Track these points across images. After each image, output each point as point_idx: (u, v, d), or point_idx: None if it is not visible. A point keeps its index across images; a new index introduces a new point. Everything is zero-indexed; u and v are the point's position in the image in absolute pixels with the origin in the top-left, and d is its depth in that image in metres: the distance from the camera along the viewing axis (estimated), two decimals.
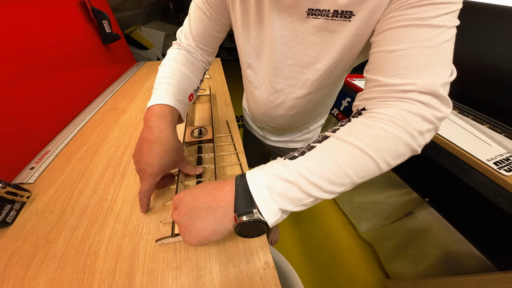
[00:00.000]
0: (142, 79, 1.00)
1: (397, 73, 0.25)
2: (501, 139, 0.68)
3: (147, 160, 0.35)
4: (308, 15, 0.34)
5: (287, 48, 0.40)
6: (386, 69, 0.26)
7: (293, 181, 0.24)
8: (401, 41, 0.25)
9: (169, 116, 0.38)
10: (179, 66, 0.44)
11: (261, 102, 0.54)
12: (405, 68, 0.25)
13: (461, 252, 0.70)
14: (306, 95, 0.47)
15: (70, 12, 0.77)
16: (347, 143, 0.25)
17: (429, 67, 0.24)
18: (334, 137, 0.26)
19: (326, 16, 0.33)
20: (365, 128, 0.25)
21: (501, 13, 0.71)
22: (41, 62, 0.62)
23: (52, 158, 0.55)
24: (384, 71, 0.27)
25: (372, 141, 0.24)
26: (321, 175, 0.24)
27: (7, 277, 0.33)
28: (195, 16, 0.44)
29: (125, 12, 1.55)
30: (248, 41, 0.45)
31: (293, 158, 0.26)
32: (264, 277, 0.32)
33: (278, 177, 0.25)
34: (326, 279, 1.06)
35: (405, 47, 0.25)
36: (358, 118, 0.27)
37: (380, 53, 0.28)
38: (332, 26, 0.34)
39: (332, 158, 0.24)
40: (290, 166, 0.25)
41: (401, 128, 0.24)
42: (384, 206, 1.01)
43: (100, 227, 0.39)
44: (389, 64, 0.26)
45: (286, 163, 0.25)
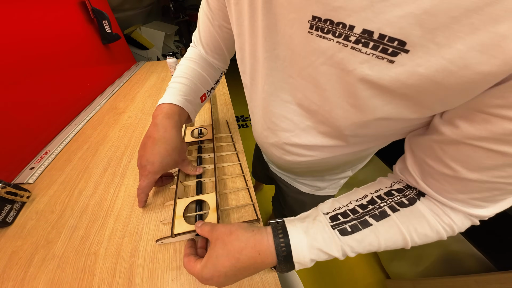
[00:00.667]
0: (142, 79, 1.00)
1: (473, 203, 0.22)
2: None
3: (149, 158, 0.36)
4: (311, 29, 0.20)
5: (285, 76, 0.27)
6: (463, 193, 0.22)
7: (331, 254, 0.25)
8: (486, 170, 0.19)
9: (176, 116, 0.38)
10: (194, 66, 0.43)
11: (256, 131, 0.44)
12: (478, 201, 0.22)
13: (461, 252, 0.70)
14: (306, 147, 0.33)
15: (70, 12, 0.77)
16: (400, 234, 0.24)
17: (501, 203, 0.22)
18: (393, 222, 0.24)
19: (343, 37, 0.18)
20: (424, 227, 0.24)
21: None
22: (41, 62, 0.62)
23: (52, 158, 0.55)
24: (459, 193, 0.22)
25: (419, 239, 0.24)
26: (356, 252, 0.25)
27: (7, 277, 0.33)
28: (203, 23, 0.41)
29: (125, 12, 1.55)
30: (243, 55, 0.33)
31: (344, 232, 0.25)
32: (264, 277, 0.32)
33: (323, 252, 0.25)
34: (326, 279, 1.06)
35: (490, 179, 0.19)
36: (422, 206, 0.25)
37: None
38: (351, 61, 0.18)
39: (379, 243, 0.25)
40: (338, 242, 0.24)
41: (452, 231, 0.24)
42: None
43: (100, 227, 0.39)
44: (468, 190, 0.21)
45: (337, 238, 0.24)
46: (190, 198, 0.41)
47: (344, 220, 0.26)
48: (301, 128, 0.31)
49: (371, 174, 1.07)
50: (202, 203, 0.41)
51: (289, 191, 0.57)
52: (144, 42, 1.62)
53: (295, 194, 0.56)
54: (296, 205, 0.61)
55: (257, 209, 0.42)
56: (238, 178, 0.48)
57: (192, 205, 0.41)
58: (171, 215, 0.39)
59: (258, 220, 0.39)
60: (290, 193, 0.58)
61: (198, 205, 0.41)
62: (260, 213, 0.41)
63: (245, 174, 0.49)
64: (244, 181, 0.47)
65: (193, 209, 0.41)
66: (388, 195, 0.27)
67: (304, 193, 0.54)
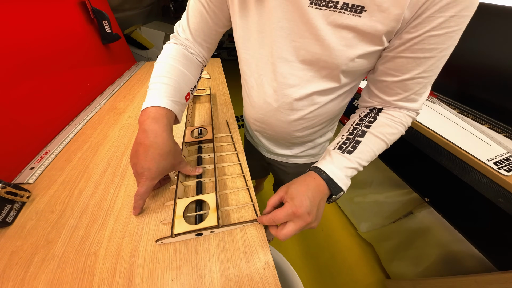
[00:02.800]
0: (142, 79, 1.00)
1: (407, 98, 0.37)
2: (501, 139, 0.68)
3: (144, 165, 0.35)
4: (311, 4, 0.31)
5: (288, 42, 0.36)
6: (401, 93, 0.37)
7: (355, 167, 0.38)
8: (412, 72, 0.33)
9: (164, 119, 0.37)
10: (176, 64, 0.42)
11: (257, 105, 0.49)
12: (412, 95, 0.36)
13: (461, 252, 0.70)
14: (308, 96, 0.42)
15: (70, 12, 0.77)
16: (380, 140, 0.38)
17: (423, 96, 0.37)
18: (371, 134, 0.38)
19: (332, 8, 0.30)
20: (388, 128, 0.38)
21: (501, 13, 0.71)
22: (41, 62, 0.62)
23: (52, 158, 0.55)
24: (399, 94, 0.37)
25: (391, 137, 0.39)
26: (366, 160, 0.38)
27: (7, 277, 0.33)
28: (194, 9, 0.42)
29: (125, 12, 1.55)
30: (246, 33, 0.41)
31: (350, 152, 0.38)
32: (264, 277, 0.32)
33: (349, 168, 0.37)
34: (326, 279, 1.06)
35: (416, 76, 0.34)
36: (382, 118, 0.39)
37: (395, 76, 0.35)
38: (339, 19, 0.31)
39: (373, 151, 0.38)
40: (352, 158, 0.37)
41: (403, 126, 0.39)
42: (384, 206, 1.01)
43: (100, 227, 0.39)
44: (403, 89, 0.36)
45: (349, 157, 0.37)
46: (190, 198, 0.41)
47: (346, 146, 0.39)
48: (305, 80, 0.40)
49: (371, 175, 1.07)
50: (202, 203, 0.41)
51: (288, 169, 0.67)
52: (144, 42, 1.62)
53: (295, 169, 0.66)
54: None
55: (257, 209, 0.42)
56: (238, 178, 0.48)
57: (192, 205, 0.41)
58: (171, 215, 0.39)
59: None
60: (290, 170, 0.67)
61: (198, 205, 0.41)
62: (260, 213, 0.41)
63: (245, 174, 0.49)
64: (244, 181, 0.47)
65: (193, 209, 0.41)
66: (361, 121, 0.41)
67: (302, 165, 0.64)
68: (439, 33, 0.29)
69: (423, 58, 0.31)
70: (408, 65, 0.33)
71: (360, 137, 0.39)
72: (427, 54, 0.31)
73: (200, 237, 0.37)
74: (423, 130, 0.74)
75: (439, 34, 0.29)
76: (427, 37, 0.29)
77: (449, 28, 0.28)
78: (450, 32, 0.28)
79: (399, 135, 0.39)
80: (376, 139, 0.38)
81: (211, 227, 0.36)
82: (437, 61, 0.32)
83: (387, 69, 0.36)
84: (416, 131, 0.77)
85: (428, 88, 0.36)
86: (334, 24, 0.32)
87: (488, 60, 0.78)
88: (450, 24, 0.28)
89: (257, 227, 0.39)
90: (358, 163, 0.37)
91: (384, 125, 0.39)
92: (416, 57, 0.32)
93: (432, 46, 0.30)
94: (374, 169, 1.05)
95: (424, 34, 0.29)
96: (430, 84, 0.35)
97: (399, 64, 0.34)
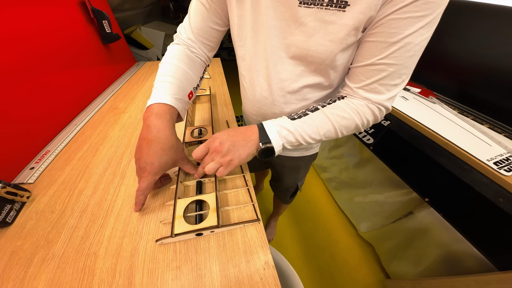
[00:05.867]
0: (142, 79, 1.00)
1: (370, 88, 0.37)
2: (501, 139, 0.68)
3: (147, 159, 0.36)
4: (300, 4, 0.33)
5: (280, 39, 0.39)
6: (363, 80, 0.37)
7: (292, 131, 0.38)
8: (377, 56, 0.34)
9: (167, 115, 0.38)
10: (179, 64, 0.44)
11: (254, 98, 0.52)
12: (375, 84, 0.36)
13: (461, 252, 0.70)
14: (300, 90, 0.45)
15: (70, 12, 0.77)
16: (327, 117, 0.39)
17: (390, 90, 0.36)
18: (322, 112, 0.40)
19: (319, 5, 0.32)
20: (340, 111, 0.39)
21: (501, 13, 0.71)
22: (40, 62, 0.62)
23: (52, 158, 0.55)
24: (361, 81, 0.37)
25: (341, 121, 0.39)
26: (306, 132, 0.39)
27: (7, 277, 0.33)
28: (195, 9, 0.44)
29: (125, 12, 1.55)
30: (243, 32, 0.43)
31: (293, 119, 0.40)
32: (264, 277, 0.32)
33: (283, 127, 0.39)
34: (326, 279, 1.06)
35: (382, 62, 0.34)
36: (339, 102, 0.40)
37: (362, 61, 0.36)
38: (325, 16, 0.33)
39: (316, 125, 0.39)
40: (292, 123, 0.39)
41: (359, 116, 0.39)
42: (384, 206, 1.01)
43: (100, 227, 0.39)
44: (365, 76, 0.37)
45: (290, 121, 0.39)
46: (190, 198, 0.41)
47: (294, 115, 0.41)
48: (296, 74, 0.43)
49: (372, 174, 1.07)
50: (202, 203, 0.42)
51: (284, 161, 0.70)
52: (144, 42, 1.62)
53: (290, 162, 0.69)
54: (292, 171, 0.74)
55: (257, 209, 0.42)
56: (238, 178, 0.48)
57: (192, 205, 0.41)
58: (171, 215, 0.39)
59: (258, 220, 0.39)
60: (286, 163, 0.70)
61: (198, 205, 0.41)
62: (260, 213, 0.41)
63: (245, 174, 0.49)
64: (244, 181, 0.47)
65: (193, 209, 0.41)
66: (323, 103, 0.42)
67: (296, 158, 0.67)
68: (401, 17, 0.28)
69: (385, 42, 0.31)
70: (371, 49, 0.34)
71: (310, 112, 0.40)
72: (389, 39, 0.31)
73: (200, 237, 0.37)
74: (423, 130, 0.74)
75: (401, 18, 0.29)
76: (389, 21, 0.30)
77: (412, 13, 0.28)
78: (414, 17, 0.28)
79: (352, 124, 0.39)
80: (323, 117, 0.39)
81: (211, 227, 0.36)
82: (401, 48, 0.31)
83: (356, 55, 0.37)
84: (416, 131, 0.77)
85: (396, 81, 0.35)
86: (322, 20, 0.33)
87: (488, 60, 0.78)
88: (414, 9, 0.27)
89: (257, 227, 0.39)
90: (296, 130, 0.38)
91: (337, 107, 0.39)
92: (378, 41, 0.32)
93: (394, 31, 0.30)
94: (374, 169, 1.05)
95: (386, 17, 0.30)
96: (399, 77, 0.34)
97: (364, 48, 0.35)
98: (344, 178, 1.29)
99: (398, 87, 0.36)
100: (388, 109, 0.39)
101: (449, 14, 0.86)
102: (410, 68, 0.34)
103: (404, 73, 0.34)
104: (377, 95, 0.37)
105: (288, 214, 1.35)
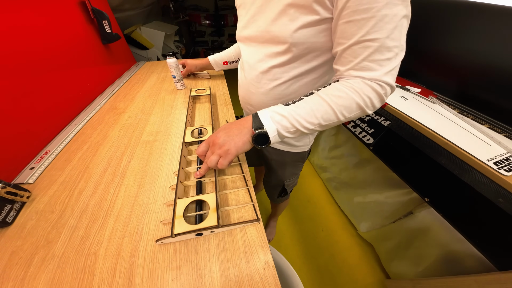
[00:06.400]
0: (142, 79, 1.00)
1: (361, 66, 0.36)
2: (501, 139, 0.68)
3: None
4: None
5: (250, 22, 0.47)
6: (352, 60, 0.36)
7: (285, 115, 0.38)
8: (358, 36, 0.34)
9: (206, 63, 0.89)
10: (235, 46, 0.84)
11: (240, 82, 0.59)
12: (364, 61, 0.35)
13: (461, 252, 0.70)
14: (270, 69, 0.48)
15: (70, 12, 0.77)
16: (321, 99, 0.38)
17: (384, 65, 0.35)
18: (317, 94, 0.39)
19: None
20: (335, 91, 0.38)
21: (501, 13, 0.71)
22: (41, 62, 0.62)
23: (52, 158, 0.55)
24: (350, 62, 0.37)
25: (338, 100, 0.37)
26: (301, 116, 0.38)
27: (7, 277, 0.33)
28: None
29: (125, 12, 1.55)
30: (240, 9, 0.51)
31: (288, 105, 0.40)
32: (264, 277, 0.32)
33: (276, 112, 0.39)
34: (326, 279, 1.06)
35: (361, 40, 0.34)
36: (334, 84, 0.39)
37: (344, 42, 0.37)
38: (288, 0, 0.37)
39: (310, 107, 0.38)
40: (286, 108, 0.39)
41: (357, 93, 0.36)
42: (384, 206, 1.01)
43: (100, 227, 0.39)
44: (352, 56, 0.36)
45: (284, 106, 0.39)
46: (190, 198, 0.41)
47: (289, 102, 0.40)
48: (266, 55, 0.47)
49: (372, 174, 1.07)
50: (202, 203, 0.42)
51: (271, 155, 0.72)
52: (144, 42, 1.62)
53: (276, 156, 0.70)
54: (278, 167, 0.75)
55: (257, 209, 0.42)
56: (238, 178, 0.48)
57: (192, 205, 0.41)
58: (171, 215, 0.40)
59: (258, 220, 0.39)
60: (273, 156, 0.71)
61: (198, 205, 0.41)
62: (260, 213, 0.41)
63: (245, 174, 0.49)
64: (244, 181, 0.47)
65: (193, 209, 0.41)
66: (319, 88, 0.41)
67: (282, 152, 0.68)
68: None
69: (361, 20, 0.32)
70: (351, 29, 0.34)
71: (305, 97, 0.40)
72: (364, 15, 0.31)
73: (200, 237, 0.37)
74: (423, 130, 0.74)
75: None
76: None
77: None
78: None
79: (351, 103, 0.37)
80: (317, 99, 0.38)
81: (211, 227, 0.36)
82: (379, 21, 0.31)
83: (336, 38, 0.37)
84: (416, 131, 0.77)
85: (387, 55, 0.33)
86: (286, 4, 0.38)
87: (488, 60, 0.78)
88: None
89: (257, 227, 0.39)
90: (290, 114, 0.38)
91: (332, 88, 0.38)
92: (354, 20, 0.32)
93: (366, 6, 0.31)
94: (374, 169, 1.05)
95: None
96: (389, 51, 0.33)
97: (343, 30, 0.35)
98: (344, 178, 1.29)
99: (392, 61, 0.34)
100: (389, 84, 0.36)
101: (449, 14, 0.86)
102: (397, 40, 0.32)
103: (394, 45, 0.33)
104: (370, 72, 0.35)
105: (288, 214, 1.35)
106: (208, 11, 3.00)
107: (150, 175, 0.49)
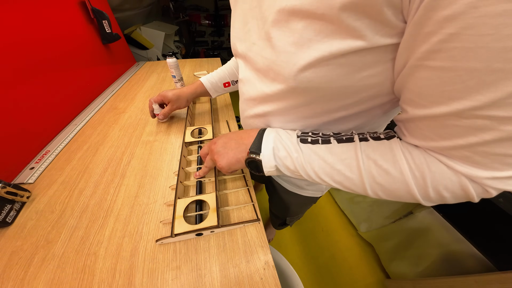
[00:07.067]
0: (142, 79, 1.00)
1: (456, 155, 0.20)
2: None
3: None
4: None
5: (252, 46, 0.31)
6: (434, 139, 0.20)
7: (293, 157, 0.28)
8: None
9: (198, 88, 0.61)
10: (231, 63, 0.62)
11: (241, 94, 0.43)
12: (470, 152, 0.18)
13: (461, 252, 0.70)
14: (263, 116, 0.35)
15: (70, 12, 0.77)
16: (355, 160, 0.24)
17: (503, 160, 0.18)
18: (354, 147, 0.24)
19: None
20: (386, 160, 0.22)
21: None
22: (41, 62, 0.62)
23: (52, 158, 0.55)
24: (431, 140, 0.21)
25: (377, 172, 0.23)
26: (313, 169, 0.27)
27: (7, 277, 0.33)
28: None
29: (125, 12, 1.55)
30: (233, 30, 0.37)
31: (304, 141, 0.29)
32: (264, 277, 0.32)
33: (283, 146, 0.29)
34: (326, 279, 1.06)
35: None
36: (396, 144, 0.23)
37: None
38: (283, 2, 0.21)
39: (331, 165, 0.26)
40: (298, 145, 0.28)
41: (423, 183, 0.21)
42: (384, 206, 1.01)
43: (100, 227, 0.39)
44: (438, 134, 0.20)
45: (297, 140, 0.29)
46: (190, 198, 0.41)
47: (311, 136, 0.29)
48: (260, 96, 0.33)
49: None
50: (202, 203, 0.42)
51: (276, 189, 0.60)
52: (144, 42, 1.62)
53: (282, 194, 0.59)
54: (281, 204, 0.63)
55: (257, 209, 0.42)
56: (238, 178, 0.48)
57: (192, 205, 0.41)
58: (171, 215, 0.40)
59: (258, 220, 0.39)
60: (278, 192, 0.60)
61: (198, 205, 0.41)
62: (260, 213, 0.41)
63: (245, 174, 0.49)
64: (244, 181, 0.47)
65: (193, 209, 0.41)
66: (369, 132, 0.27)
67: (289, 192, 0.55)
68: None
69: (490, 74, 0.14)
70: (446, 84, 0.16)
71: (336, 140, 0.26)
72: (492, 65, 0.14)
73: (200, 237, 0.37)
74: None
75: None
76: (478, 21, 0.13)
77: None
78: None
79: (400, 188, 0.22)
80: (350, 155, 0.24)
81: (211, 227, 0.36)
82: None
83: (406, 90, 0.20)
84: None
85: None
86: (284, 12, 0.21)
87: None
88: None
89: (257, 227, 0.39)
90: (299, 158, 0.27)
91: (385, 153, 0.23)
92: (469, 69, 0.15)
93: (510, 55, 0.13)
94: None
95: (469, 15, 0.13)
96: None
97: (424, 82, 0.18)
98: None
99: None
100: (499, 191, 0.19)
101: None
102: None
103: None
104: (480, 170, 0.19)
105: None
106: (208, 11, 3.00)
107: (150, 175, 0.49)
